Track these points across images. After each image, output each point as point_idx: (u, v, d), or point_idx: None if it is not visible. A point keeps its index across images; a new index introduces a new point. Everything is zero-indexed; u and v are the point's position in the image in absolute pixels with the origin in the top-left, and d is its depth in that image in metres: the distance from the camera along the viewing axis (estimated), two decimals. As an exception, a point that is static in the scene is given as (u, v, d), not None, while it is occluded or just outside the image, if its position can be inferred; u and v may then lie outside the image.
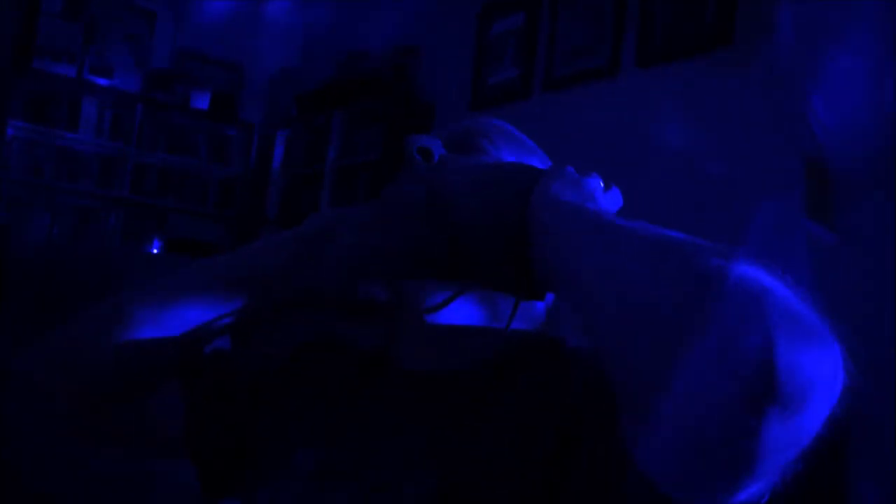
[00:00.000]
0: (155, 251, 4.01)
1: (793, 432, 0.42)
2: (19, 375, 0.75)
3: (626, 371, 0.49)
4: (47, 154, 4.12)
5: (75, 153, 4.21)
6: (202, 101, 4.57)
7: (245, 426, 0.79)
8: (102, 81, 4.26)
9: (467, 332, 0.73)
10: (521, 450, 0.62)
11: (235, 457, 0.79)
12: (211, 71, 4.72)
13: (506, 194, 0.65)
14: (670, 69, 2.50)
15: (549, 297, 0.78)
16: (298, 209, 4.12)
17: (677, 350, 0.44)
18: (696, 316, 0.44)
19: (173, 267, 0.81)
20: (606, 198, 0.67)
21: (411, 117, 3.60)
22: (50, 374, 0.75)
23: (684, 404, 0.44)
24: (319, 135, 4.17)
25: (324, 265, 0.74)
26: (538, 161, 0.78)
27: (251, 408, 0.80)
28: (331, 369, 0.79)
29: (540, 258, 0.62)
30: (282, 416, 0.78)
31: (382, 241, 0.70)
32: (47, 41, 4.08)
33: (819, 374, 0.42)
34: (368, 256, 0.70)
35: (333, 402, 0.75)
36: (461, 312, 0.72)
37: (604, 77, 2.72)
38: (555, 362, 0.69)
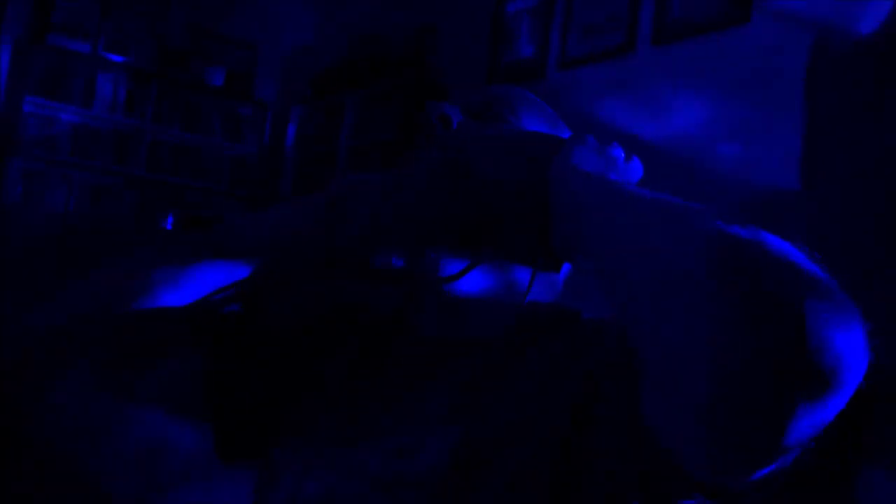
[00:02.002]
0: (169, 228, 4.03)
1: (819, 407, 0.42)
2: (39, 328, 0.75)
3: (649, 340, 0.49)
4: (62, 130, 4.13)
5: (90, 130, 4.22)
6: (217, 79, 4.56)
7: (265, 390, 0.80)
8: (117, 58, 4.26)
9: (484, 302, 0.73)
10: (538, 415, 0.63)
11: (254, 420, 0.80)
12: (225, 49, 4.71)
13: (525, 162, 0.65)
14: (686, 47, 2.48)
15: (566, 269, 0.78)
16: (312, 188, 4.11)
17: (703, 320, 0.44)
18: (722, 285, 0.44)
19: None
20: (627, 168, 0.67)
21: (426, 97, 3.59)
22: (68, 329, 0.75)
23: (709, 375, 0.44)
24: (333, 114, 4.16)
25: (343, 231, 0.74)
26: (559, 130, 0.78)
27: (271, 372, 0.81)
28: (350, 334, 0.79)
29: (560, 226, 0.62)
30: (301, 380, 0.78)
31: (402, 207, 0.70)
32: (62, 17, 4.07)
33: (847, 349, 0.41)
34: (388, 223, 0.71)
35: (352, 367, 0.76)
36: (479, 282, 0.72)
37: (619, 55, 2.70)
38: (571, 331, 0.69)
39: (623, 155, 0.67)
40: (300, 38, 4.82)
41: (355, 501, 0.66)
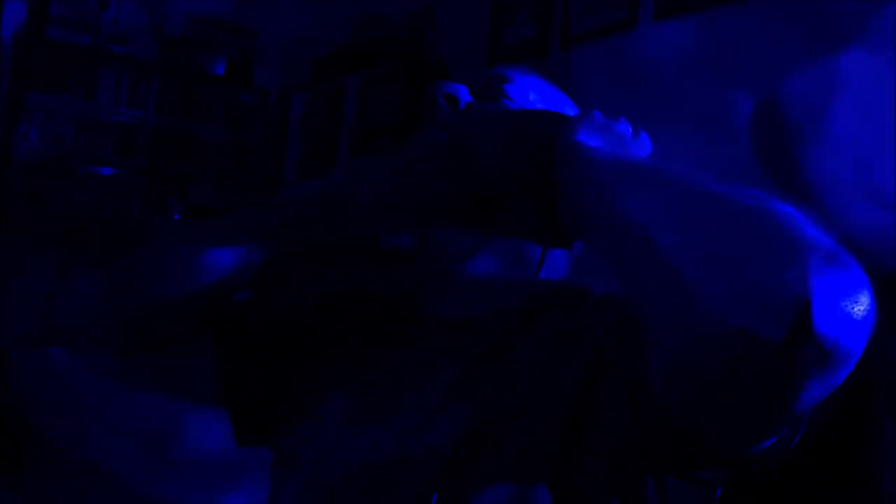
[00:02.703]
0: (176, 218, 4.04)
1: (826, 372, 0.42)
2: (57, 318, 0.76)
3: (658, 312, 0.49)
4: (66, 123, 4.14)
5: (94, 122, 4.22)
6: (218, 68, 4.55)
7: (277, 374, 0.81)
8: (118, 50, 4.25)
9: (494, 282, 0.73)
10: (546, 391, 0.63)
11: (267, 405, 0.81)
12: (225, 37, 4.70)
13: (531, 140, 0.65)
14: (688, 21, 2.46)
15: (576, 246, 0.78)
16: (316, 174, 4.11)
17: (712, 289, 0.44)
18: (731, 255, 0.44)
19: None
20: (635, 143, 0.67)
21: (427, 79, 3.57)
22: (84, 318, 0.76)
23: (718, 344, 0.44)
24: (336, 99, 4.15)
25: (349, 214, 0.74)
26: (565, 108, 0.78)
27: (282, 356, 0.81)
28: (359, 317, 0.80)
29: (568, 203, 0.62)
30: (313, 364, 0.79)
31: (407, 188, 0.70)
32: (61, 10, 4.07)
33: (853, 312, 0.42)
34: (393, 204, 0.71)
35: (363, 349, 0.77)
36: (488, 261, 0.72)
37: (621, 31, 2.68)
38: (579, 307, 0.70)
39: (630, 130, 0.67)
40: (300, 23, 4.79)
41: (369, 482, 0.67)
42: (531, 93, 0.77)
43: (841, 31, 1.92)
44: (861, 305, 0.42)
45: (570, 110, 0.79)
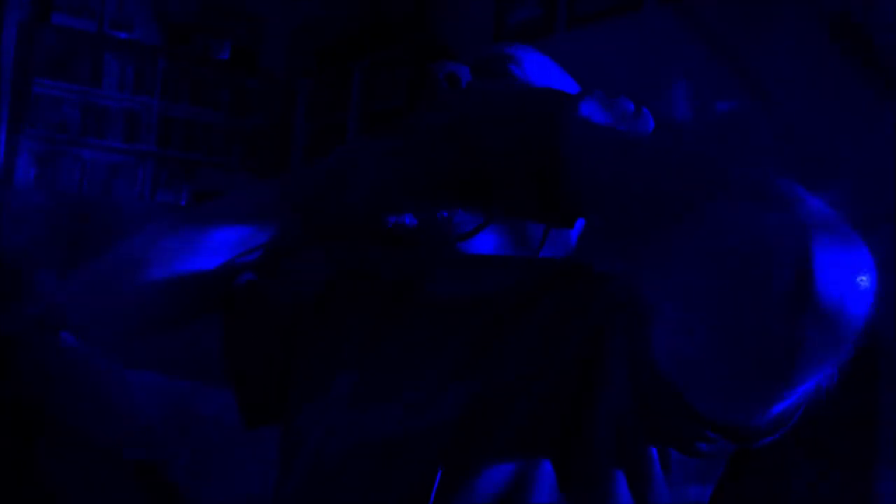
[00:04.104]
0: (183, 203, 4.05)
1: (828, 340, 0.43)
2: (63, 303, 0.77)
3: (663, 285, 0.50)
4: (73, 110, 4.14)
5: (100, 108, 4.23)
6: (223, 53, 4.55)
7: (283, 355, 0.81)
8: (123, 35, 4.25)
9: (497, 261, 0.73)
10: (547, 366, 0.63)
11: (274, 385, 0.82)
12: (230, 22, 4.69)
13: (533, 119, 0.65)
14: (694, 2, 2.44)
15: (579, 225, 0.78)
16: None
17: (715, 259, 0.44)
18: (733, 224, 0.44)
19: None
20: (638, 121, 0.67)
21: (431, 61, 3.56)
22: (91, 300, 0.77)
23: (721, 313, 0.45)
24: (341, 84, 4.15)
25: (351, 194, 0.74)
26: (567, 87, 0.78)
27: (288, 337, 0.82)
28: (363, 297, 0.80)
29: (571, 181, 0.62)
30: (318, 344, 0.79)
31: (409, 169, 0.71)
32: (66, -4, 4.07)
33: (854, 280, 0.42)
34: (395, 185, 0.71)
35: (368, 328, 0.77)
36: (491, 241, 0.72)
37: (627, 12, 2.67)
38: (581, 283, 0.70)
39: (633, 108, 0.67)
40: (305, 8, 4.78)
41: (375, 459, 0.68)
42: (533, 71, 0.76)
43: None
44: (863, 274, 0.42)
45: (573, 89, 0.78)
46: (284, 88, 4.78)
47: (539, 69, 0.77)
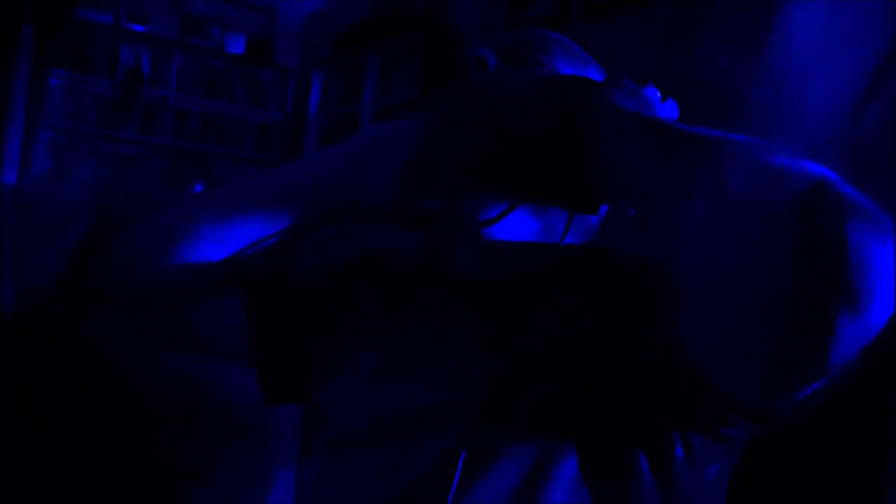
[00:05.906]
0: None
1: (859, 326, 0.43)
2: (90, 278, 0.78)
3: (695, 269, 0.50)
4: (88, 102, 4.17)
5: (115, 101, 4.25)
6: (238, 46, 4.56)
7: (304, 335, 0.82)
8: (139, 28, 4.27)
9: (521, 245, 0.73)
10: (569, 345, 0.64)
11: (295, 363, 0.82)
12: (245, 15, 4.70)
13: (560, 105, 0.65)
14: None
15: (603, 210, 0.78)
16: (336, 151, 4.10)
17: (746, 242, 0.45)
18: (766, 209, 0.45)
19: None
20: (663, 109, 0.67)
21: (446, 54, 3.56)
22: (116, 277, 0.77)
23: (751, 296, 0.45)
24: (355, 76, 4.15)
25: (376, 177, 0.74)
26: (593, 74, 0.78)
27: (310, 317, 0.82)
28: (385, 276, 0.81)
29: (597, 167, 0.62)
30: (340, 322, 0.80)
31: (434, 152, 0.71)
32: (83, -11, 4.09)
33: (886, 267, 0.42)
34: (420, 168, 0.71)
35: (390, 308, 0.77)
36: (516, 226, 0.72)
37: (643, 4, 2.65)
38: (604, 267, 0.70)
39: (659, 96, 0.67)
40: (318, 0, 4.78)
41: (398, 436, 0.68)
42: (560, 58, 0.77)
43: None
44: (891, 257, 0.43)
45: (599, 76, 0.79)
46: (298, 81, 4.79)
47: (566, 55, 0.77)
